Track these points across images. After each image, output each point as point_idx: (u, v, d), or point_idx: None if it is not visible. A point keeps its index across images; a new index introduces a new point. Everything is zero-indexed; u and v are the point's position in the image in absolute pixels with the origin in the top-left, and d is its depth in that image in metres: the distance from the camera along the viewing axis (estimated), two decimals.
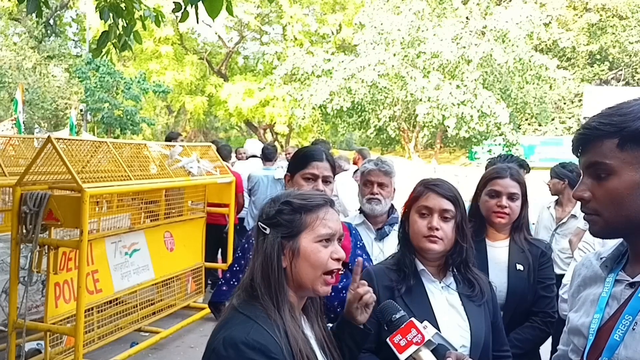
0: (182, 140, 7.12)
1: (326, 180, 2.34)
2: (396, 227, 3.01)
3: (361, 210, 3.12)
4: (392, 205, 3.11)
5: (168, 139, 7.23)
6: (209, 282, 7.08)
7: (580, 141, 1.31)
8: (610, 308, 1.29)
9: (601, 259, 1.39)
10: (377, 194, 2.99)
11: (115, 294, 5.01)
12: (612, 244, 1.40)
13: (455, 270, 2.03)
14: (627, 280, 1.29)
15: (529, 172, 4.53)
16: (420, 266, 2.02)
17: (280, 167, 7.06)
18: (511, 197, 2.61)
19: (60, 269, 4.39)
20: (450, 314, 1.96)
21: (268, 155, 7.31)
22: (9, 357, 4.20)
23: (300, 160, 2.37)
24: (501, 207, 2.59)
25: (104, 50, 4.92)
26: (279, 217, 1.50)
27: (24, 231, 4.14)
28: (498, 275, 2.58)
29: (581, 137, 1.30)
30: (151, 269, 5.45)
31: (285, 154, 8.19)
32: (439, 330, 1.83)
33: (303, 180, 2.32)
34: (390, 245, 2.89)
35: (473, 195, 2.78)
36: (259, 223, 1.53)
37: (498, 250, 2.66)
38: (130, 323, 5.30)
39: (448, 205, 1.98)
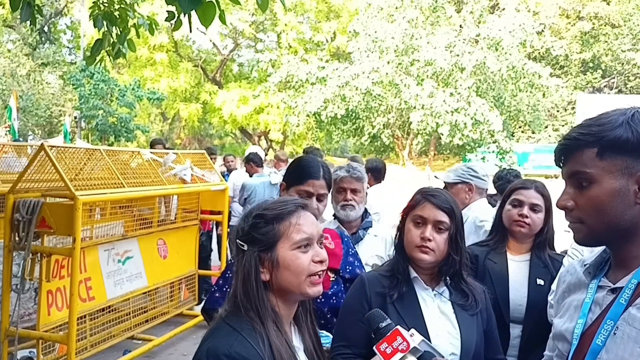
0: (163, 147, 7.05)
1: (320, 199, 2.37)
2: (370, 230, 3.02)
3: (335, 216, 3.13)
4: (365, 209, 3.11)
5: (152, 146, 7.14)
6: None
7: (562, 152, 1.34)
8: (593, 313, 1.31)
9: (585, 265, 1.42)
10: (350, 200, 2.97)
11: (108, 302, 4.99)
12: (599, 250, 1.43)
13: (448, 279, 2.04)
14: (609, 286, 1.31)
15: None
16: (414, 273, 2.02)
17: (274, 172, 7.02)
18: (533, 208, 2.62)
19: (53, 277, 4.38)
20: (441, 322, 1.97)
21: (258, 162, 7.29)
22: None
23: (298, 175, 2.40)
24: (522, 216, 2.61)
25: (97, 58, 4.94)
26: (254, 232, 1.48)
27: (17, 239, 4.13)
28: (518, 289, 2.59)
29: (562, 147, 1.34)
30: (144, 276, 5.44)
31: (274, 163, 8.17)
32: (428, 337, 1.84)
33: (297, 195, 2.34)
34: (364, 249, 2.87)
35: (498, 208, 2.80)
36: (237, 241, 1.52)
37: (519, 264, 2.67)
38: (123, 331, 5.28)
39: (443, 217, 1.97)
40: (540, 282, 2.59)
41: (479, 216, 3.56)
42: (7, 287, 4.20)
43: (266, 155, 11.51)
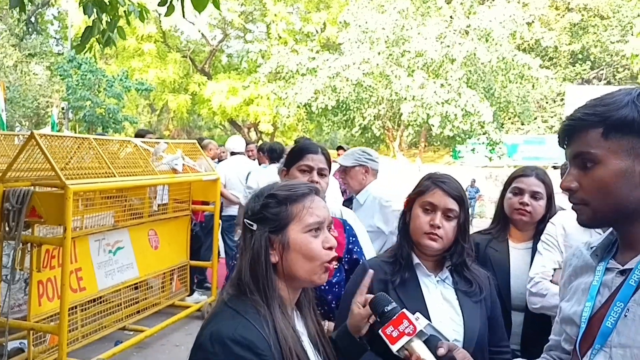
0: (151, 138, 6.95)
1: (321, 173, 2.35)
2: None
3: None
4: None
5: (138, 137, 7.03)
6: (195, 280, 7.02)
7: (566, 132, 1.32)
8: (601, 296, 1.30)
9: (591, 248, 1.40)
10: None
11: (99, 292, 4.95)
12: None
13: (452, 267, 2.02)
14: (618, 268, 1.30)
15: None
16: (416, 260, 2.00)
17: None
18: (534, 195, 2.61)
19: (44, 267, 4.33)
20: (443, 308, 1.95)
21: (273, 157, 6.94)
22: None
23: (296, 154, 2.39)
24: (523, 204, 2.60)
25: (87, 46, 4.87)
26: (265, 212, 1.45)
27: (7, 228, 4.08)
28: (520, 277, 2.58)
29: (567, 128, 1.31)
30: (135, 267, 5.40)
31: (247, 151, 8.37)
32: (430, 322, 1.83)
33: (299, 172, 2.34)
34: None
35: (499, 196, 2.79)
36: (245, 220, 1.48)
37: (521, 252, 2.66)
38: (115, 321, 5.24)
39: (453, 205, 1.95)
40: None
41: (383, 196, 3.65)
42: None
43: (254, 143, 11.48)
